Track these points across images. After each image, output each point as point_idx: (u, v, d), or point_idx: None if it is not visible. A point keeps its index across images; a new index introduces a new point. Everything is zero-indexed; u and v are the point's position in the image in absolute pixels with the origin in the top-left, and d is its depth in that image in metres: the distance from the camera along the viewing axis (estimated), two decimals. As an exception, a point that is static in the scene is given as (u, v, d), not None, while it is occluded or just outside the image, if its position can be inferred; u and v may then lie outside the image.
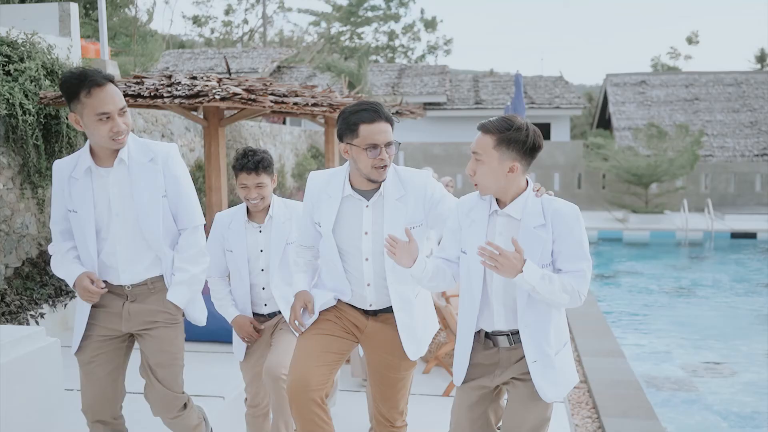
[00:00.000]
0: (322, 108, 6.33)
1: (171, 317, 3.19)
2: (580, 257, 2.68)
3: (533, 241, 2.67)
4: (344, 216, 3.10)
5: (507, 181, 2.67)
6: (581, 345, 6.90)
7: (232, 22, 41.77)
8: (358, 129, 2.94)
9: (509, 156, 2.63)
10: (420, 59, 42.32)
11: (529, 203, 2.70)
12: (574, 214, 2.69)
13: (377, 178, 3.02)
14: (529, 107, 22.22)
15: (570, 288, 2.64)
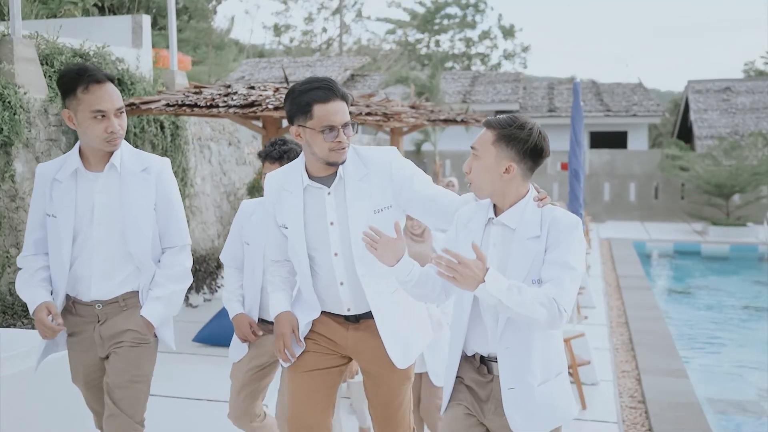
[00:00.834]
0: (376, 117, 6.32)
1: (139, 336, 2.96)
2: (562, 265, 2.37)
3: (523, 254, 2.42)
4: (308, 210, 2.82)
5: (503, 183, 2.43)
6: (642, 362, 6.64)
7: (311, 31, 42.44)
8: (311, 109, 2.67)
9: (507, 155, 2.40)
10: (496, 67, 41.94)
11: (527, 212, 2.45)
12: (571, 225, 2.42)
13: (336, 159, 2.73)
14: (605, 115, 21.69)
15: (546, 299, 2.30)
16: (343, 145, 2.70)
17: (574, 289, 2.37)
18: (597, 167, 19.63)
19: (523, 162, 2.42)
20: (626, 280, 10.86)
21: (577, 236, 2.41)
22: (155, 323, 2.96)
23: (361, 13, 42.75)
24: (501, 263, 2.46)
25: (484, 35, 41.68)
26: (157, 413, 5.03)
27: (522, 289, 2.29)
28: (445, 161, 19.93)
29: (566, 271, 2.36)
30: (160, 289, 2.97)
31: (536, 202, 2.48)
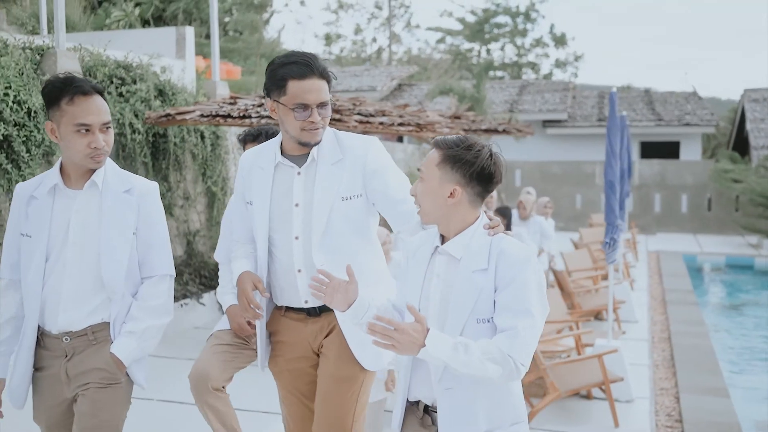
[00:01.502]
0: (409, 128, 6.30)
1: (109, 376, 2.68)
2: (518, 312, 2.12)
3: (467, 288, 2.19)
4: (276, 188, 2.70)
5: (448, 209, 2.23)
6: (682, 380, 6.44)
7: (363, 40, 42.71)
8: (286, 85, 2.55)
9: (451, 178, 2.20)
10: (548, 76, 41.51)
11: (474, 241, 2.24)
12: (523, 258, 2.17)
13: (309, 140, 2.62)
14: (656, 124, 21.24)
15: (499, 355, 2.07)
16: (316, 126, 2.59)
17: (532, 338, 2.13)
18: (647, 178, 19.22)
19: (470, 186, 2.22)
20: (672, 294, 10.57)
21: (531, 272, 2.17)
22: (126, 362, 2.69)
23: (410, 23, 42.77)
24: (444, 297, 2.25)
25: (535, 44, 41.32)
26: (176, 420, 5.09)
27: (469, 347, 2.07)
28: (491, 171, 19.78)
29: (522, 318, 2.12)
30: (135, 323, 2.70)
31: (486, 230, 2.27)
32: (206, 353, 3.47)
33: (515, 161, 20.17)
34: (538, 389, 5.72)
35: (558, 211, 19.38)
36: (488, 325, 2.19)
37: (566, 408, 5.65)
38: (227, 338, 3.45)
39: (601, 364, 5.33)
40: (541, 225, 7.86)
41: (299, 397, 2.88)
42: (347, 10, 42.63)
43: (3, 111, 5.77)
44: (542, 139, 21.64)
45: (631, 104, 23.08)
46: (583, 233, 12.01)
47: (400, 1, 41.88)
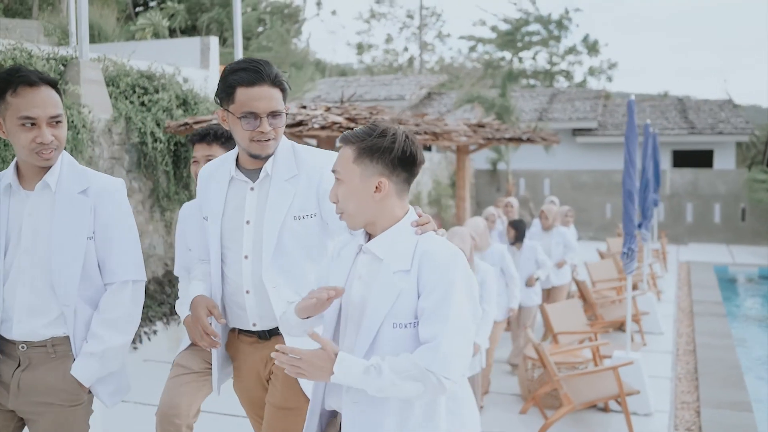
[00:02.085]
0: (425, 137, 6.28)
1: (71, 397, 2.49)
2: (441, 321, 1.94)
3: (386, 291, 2.01)
4: (229, 203, 2.55)
5: (376, 205, 2.05)
6: (704, 393, 6.30)
7: (395, 50, 42.83)
8: (234, 92, 2.41)
9: (373, 170, 2.03)
10: (582, 84, 41.15)
11: (399, 239, 2.06)
12: (449, 260, 1.99)
13: (259, 152, 2.46)
14: (689, 133, 20.90)
15: (418, 372, 1.91)
16: (267, 137, 2.43)
17: (458, 349, 1.94)
18: (679, 187, 18.91)
19: (395, 174, 2.05)
20: (700, 305, 10.37)
21: (458, 276, 1.99)
22: (87, 384, 2.50)
23: (441, 33, 42.78)
24: (364, 299, 2.07)
25: (568, 51, 41.01)
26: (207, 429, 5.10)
27: (382, 370, 1.90)
28: (520, 180, 19.64)
29: (445, 327, 1.94)
30: (96, 342, 2.48)
31: (414, 228, 2.10)
32: (172, 388, 3.08)
33: (544, 170, 20.00)
34: (553, 401, 5.64)
35: (588, 220, 19.16)
36: (406, 331, 2.00)
37: (583, 420, 5.56)
38: (192, 364, 3.05)
39: (616, 376, 5.24)
40: (564, 235, 7.74)
41: (260, 421, 2.75)
42: (379, 20, 42.79)
43: (25, 120, 5.89)
44: (572, 148, 21.42)
45: (664, 112, 22.77)
46: (610, 243, 11.84)
47: (431, 10, 41.96)
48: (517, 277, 5.99)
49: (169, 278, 7.55)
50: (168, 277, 7.56)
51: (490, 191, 19.63)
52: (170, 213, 7.75)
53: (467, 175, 11.83)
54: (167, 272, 7.64)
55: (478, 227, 5.73)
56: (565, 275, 7.72)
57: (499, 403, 5.95)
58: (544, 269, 6.81)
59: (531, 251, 6.83)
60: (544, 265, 6.82)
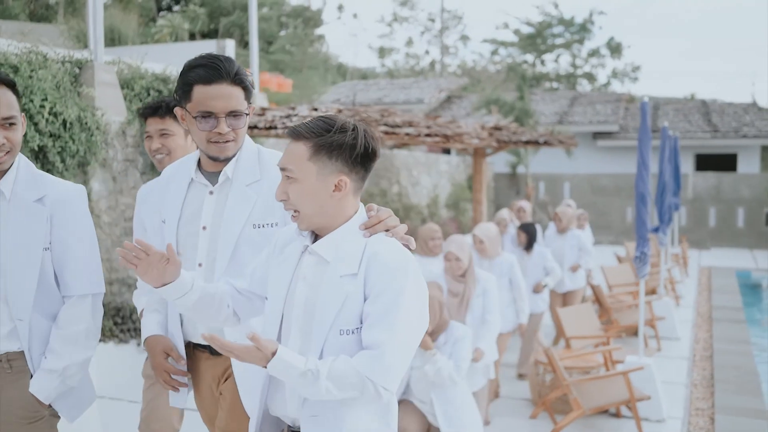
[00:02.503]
0: (436, 138, 6.25)
1: (29, 414, 2.38)
2: (386, 328, 1.83)
3: (333, 296, 1.90)
4: (187, 207, 2.40)
5: (334, 204, 1.92)
6: (719, 400, 6.21)
7: (416, 53, 42.86)
8: (191, 90, 2.26)
9: (333, 168, 1.89)
10: (606, 86, 40.85)
11: (348, 240, 1.93)
12: (399, 265, 1.88)
13: (216, 154, 2.31)
14: (712, 136, 20.64)
15: (357, 378, 1.82)
16: (225, 138, 2.28)
17: (401, 358, 1.85)
18: (701, 191, 18.69)
19: (354, 172, 1.92)
20: (720, 311, 10.22)
21: (409, 282, 1.87)
22: (47, 401, 2.39)
23: (463, 36, 42.70)
24: (309, 304, 1.95)
25: (591, 54, 40.73)
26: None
27: (319, 376, 1.80)
28: (539, 184, 19.52)
29: (390, 335, 1.83)
30: (54, 358, 2.36)
31: (364, 230, 1.95)
32: (150, 400, 2.96)
33: (564, 174, 19.86)
34: (563, 406, 5.58)
35: (608, 224, 18.99)
36: (353, 337, 1.89)
37: (594, 426, 5.49)
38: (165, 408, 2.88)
39: (626, 381, 5.17)
40: (579, 238, 7.62)
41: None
42: (401, 23, 42.84)
43: (39, 122, 5.95)
44: (593, 152, 21.26)
45: (687, 115, 22.52)
46: (629, 247, 11.72)
47: (452, 13, 41.90)
48: (525, 291, 5.81)
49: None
50: (181, 278, 7.60)
51: (510, 195, 19.53)
52: (184, 215, 7.80)
53: (484, 178, 11.78)
54: (181, 274, 7.68)
55: (489, 233, 5.62)
56: (579, 279, 7.60)
57: (509, 408, 5.90)
58: (553, 276, 6.65)
59: (540, 257, 6.68)
60: (553, 272, 6.65)
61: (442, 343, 3.98)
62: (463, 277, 4.70)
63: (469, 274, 4.68)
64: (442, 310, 3.96)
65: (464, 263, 4.69)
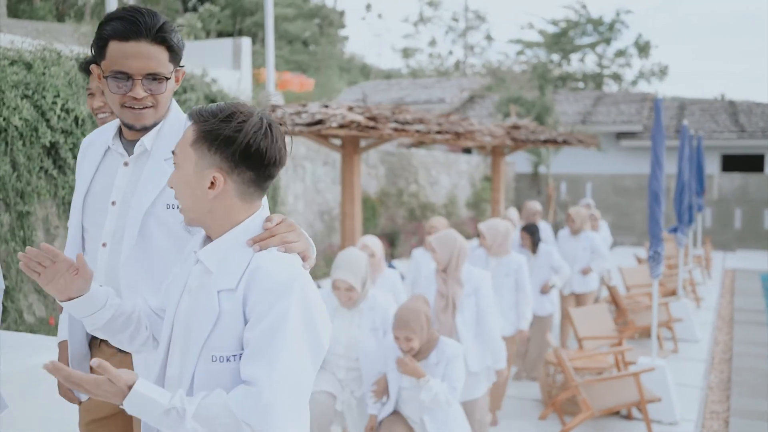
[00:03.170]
0: (446, 135, 6.20)
1: None
2: (264, 360, 1.55)
3: (207, 313, 1.64)
4: (99, 178, 2.16)
5: (210, 205, 1.66)
6: (735, 403, 6.07)
7: (440, 54, 42.77)
8: (106, 46, 1.99)
9: (210, 161, 1.63)
10: (633, 84, 40.42)
11: (233, 251, 1.67)
12: (283, 284, 1.60)
13: (132, 121, 2.06)
14: (738, 137, 20.31)
15: (231, 421, 1.53)
16: (143, 104, 2.03)
17: (286, 398, 1.56)
18: (727, 192, 18.39)
19: (237, 173, 1.64)
20: (741, 313, 10.03)
21: (294, 305, 1.59)
22: None
23: (488, 36, 42.52)
24: (188, 321, 1.70)
25: (618, 54, 40.33)
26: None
27: (185, 416, 1.52)
28: (561, 184, 19.33)
29: (271, 370, 1.54)
30: None
31: (254, 244, 1.69)
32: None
33: (586, 174, 19.66)
34: (573, 407, 5.50)
35: (630, 225, 18.76)
36: (229, 366, 1.61)
37: (605, 428, 5.41)
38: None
39: (637, 382, 5.07)
40: (592, 241, 7.32)
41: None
42: (426, 23, 42.80)
43: (51, 119, 5.99)
44: (616, 152, 21.02)
45: (713, 116, 22.18)
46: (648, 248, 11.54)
47: (476, 13, 41.74)
48: (530, 295, 5.40)
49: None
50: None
51: (530, 195, 19.37)
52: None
53: (503, 177, 11.69)
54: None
55: (493, 229, 5.36)
56: (590, 283, 7.30)
57: (519, 409, 5.82)
58: (561, 275, 6.39)
59: (547, 257, 6.41)
60: (561, 271, 6.39)
61: (434, 363, 3.65)
62: (444, 273, 4.31)
63: (450, 271, 4.27)
64: (429, 325, 3.66)
65: (441, 257, 4.29)
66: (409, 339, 3.57)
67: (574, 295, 7.29)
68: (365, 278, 3.84)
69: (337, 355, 3.90)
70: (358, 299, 3.86)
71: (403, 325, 3.57)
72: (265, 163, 1.65)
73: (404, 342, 3.58)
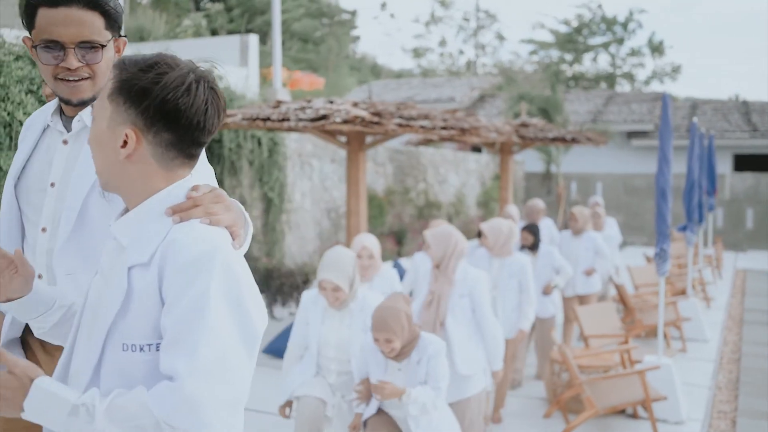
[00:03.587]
0: (452, 131, 6.16)
1: None
2: (184, 348, 1.31)
3: (113, 292, 1.42)
4: (36, 158, 1.99)
5: (122, 168, 1.44)
6: (743, 403, 6.00)
7: (451, 54, 42.69)
8: (35, 14, 1.84)
9: (125, 116, 1.41)
10: (646, 82, 40.20)
11: (151, 220, 1.45)
12: (199, 258, 1.36)
13: (68, 96, 1.90)
14: (751, 136, 20.13)
15: (149, 422, 1.30)
16: (78, 75, 1.86)
17: (214, 391, 1.31)
18: (739, 192, 18.23)
19: (153, 132, 1.41)
20: (752, 314, 9.92)
21: (214, 283, 1.35)
22: None
23: (499, 35, 42.41)
24: (97, 303, 1.48)
25: (632, 53, 40.12)
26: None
27: (95, 413, 1.31)
28: (571, 183, 19.23)
29: (192, 360, 1.30)
30: None
31: (172, 215, 1.45)
32: None
33: (597, 173, 19.55)
34: (578, 405, 5.44)
35: (641, 225, 18.64)
36: (143, 357, 1.38)
37: (610, 427, 5.35)
38: None
39: (642, 381, 5.01)
40: (595, 241, 7.12)
41: None
42: (437, 23, 42.75)
43: (55, 114, 6.01)
44: (627, 151, 20.89)
45: (726, 115, 22.01)
46: (659, 247, 11.44)
47: (486, 12, 41.66)
48: (534, 296, 5.22)
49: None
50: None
51: (541, 195, 19.29)
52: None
53: (511, 176, 11.63)
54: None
55: (500, 231, 5.13)
56: (593, 284, 7.12)
57: (524, 407, 5.78)
58: (563, 275, 6.19)
59: (548, 257, 6.20)
60: (563, 271, 6.19)
61: (415, 362, 3.44)
62: (437, 269, 4.14)
63: (443, 268, 4.10)
64: (411, 324, 3.42)
65: (434, 252, 4.11)
66: (389, 341, 3.32)
67: (577, 297, 7.14)
68: (353, 278, 3.70)
69: (329, 358, 3.78)
70: (346, 300, 3.71)
71: (382, 326, 3.31)
72: (184, 124, 1.41)
73: (384, 344, 3.33)
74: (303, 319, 3.86)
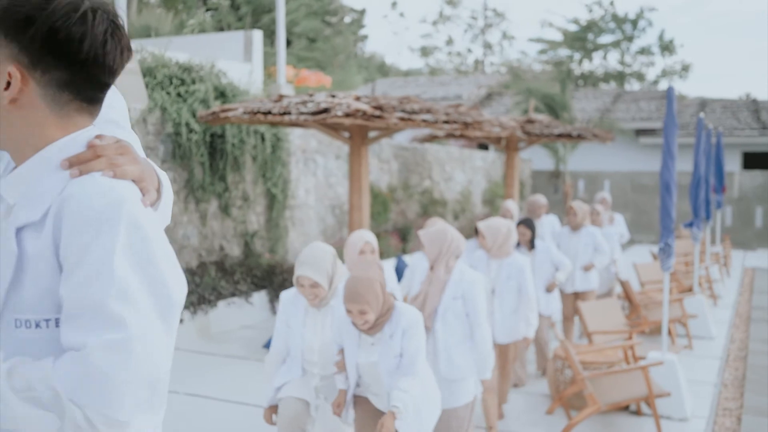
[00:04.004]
0: (454, 125, 6.10)
1: None
2: (88, 318, 1.13)
3: (5, 258, 1.21)
4: None
5: (9, 114, 1.22)
6: (749, 401, 5.93)
7: (459, 53, 42.60)
8: None
9: (7, 51, 1.19)
10: (654, 84, 39.99)
11: (44, 176, 1.23)
12: (101, 214, 1.16)
13: None
14: (760, 134, 19.98)
15: (49, 399, 1.12)
16: None
17: (116, 365, 1.12)
18: (748, 190, 18.09)
19: (41, 69, 1.20)
20: (759, 311, 9.83)
21: (120, 240, 1.16)
22: None
23: (506, 34, 42.28)
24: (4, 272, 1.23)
25: (641, 51, 39.91)
26: (220, 418, 5.08)
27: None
28: (579, 181, 19.13)
29: (98, 329, 1.13)
30: None
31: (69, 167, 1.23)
32: None
33: (604, 171, 19.45)
34: (581, 402, 5.39)
35: (648, 223, 18.52)
36: (40, 334, 1.19)
37: (613, 423, 5.29)
38: None
39: (645, 376, 4.95)
40: (594, 236, 6.97)
41: None
42: (445, 22, 42.68)
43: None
44: (635, 149, 20.77)
45: (735, 113, 21.85)
46: (666, 245, 11.35)
47: (494, 10, 41.54)
48: (534, 300, 5.00)
49: (201, 269, 7.58)
50: (201, 267, 7.60)
51: (548, 192, 19.20)
52: (205, 204, 7.79)
53: (516, 173, 11.56)
54: (201, 263, 7.68)
55: (498, 231, 4.91)
56: (591, 280, 6.97)
57: (526, 403, 5.73)
58: (563, 270, 5.99)
59: (545, 253, 6.02)
60: (562, 266, 5.99)
61: (388, 336, 3.23)
62: (431, 269, 3.98)
63: (436, 269, 3.93)
64: (385, 293, 3.19)
65: (429, 252, 3.95)
66: (363, 312, 3.09)
67: (576, 294, 7.02)
68: (331, 274, 3.54)
69: (311, 362, 3.63)
70: (326, 297, 3.55)
71: (354, 296, 3.08)
72: (80, 59, 1.18)
73: (358, 316, 3.11)
74: (284, 321, 3.68)
